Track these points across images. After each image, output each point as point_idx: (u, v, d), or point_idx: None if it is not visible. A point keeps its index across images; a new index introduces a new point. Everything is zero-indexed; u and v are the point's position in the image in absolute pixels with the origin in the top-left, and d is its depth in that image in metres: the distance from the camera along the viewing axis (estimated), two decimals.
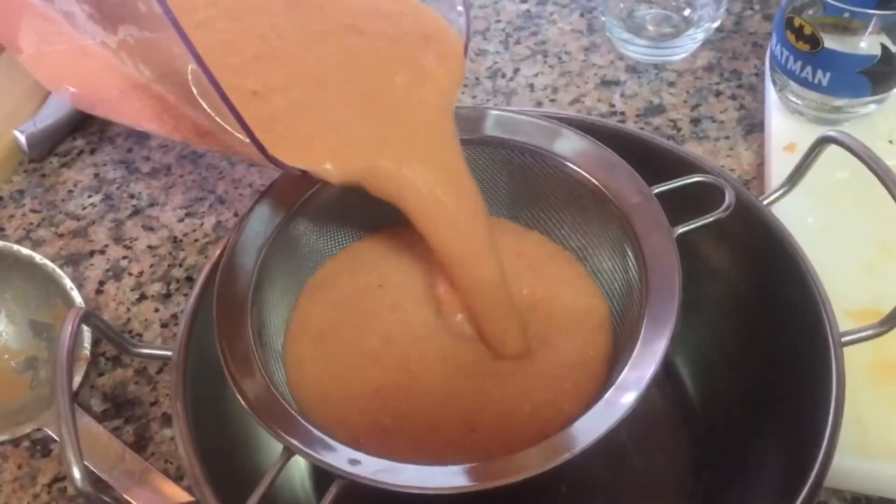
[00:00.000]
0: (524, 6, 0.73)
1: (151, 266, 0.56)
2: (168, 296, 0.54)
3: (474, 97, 0.66)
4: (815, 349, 0.37)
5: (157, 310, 0.53)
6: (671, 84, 0.65)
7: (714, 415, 0.45)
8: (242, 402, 0.32)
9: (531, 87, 0.66)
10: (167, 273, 0.55)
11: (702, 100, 0.64)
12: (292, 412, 0.33)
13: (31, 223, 0.59)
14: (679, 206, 0.38)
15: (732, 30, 0.69)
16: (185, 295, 0.54)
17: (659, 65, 0.67)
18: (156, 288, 0.55)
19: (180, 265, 0.56)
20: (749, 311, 0.44)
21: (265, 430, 0.32)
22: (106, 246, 0.58)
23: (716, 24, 0.66)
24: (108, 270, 0.56)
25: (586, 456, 0.30)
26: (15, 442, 0.47)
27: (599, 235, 0.40)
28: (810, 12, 0.52)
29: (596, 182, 0.39)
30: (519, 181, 0.42)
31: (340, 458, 0.31)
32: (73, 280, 0.52)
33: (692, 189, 0.39)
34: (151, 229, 0.58)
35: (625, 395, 0.32)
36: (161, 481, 0.43)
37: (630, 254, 0.38)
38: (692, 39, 0.67)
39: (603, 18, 0.68)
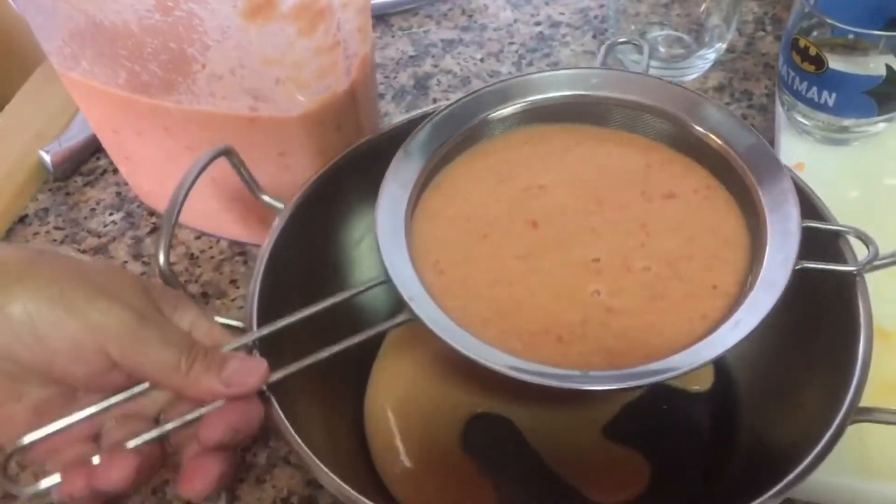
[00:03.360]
0: (538, 28, 0.74)
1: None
2: None
3: None
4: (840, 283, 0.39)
5: None
6: None
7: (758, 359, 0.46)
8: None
9: None
10: (184, 288, 0.57)
11: None
12: None
13: (55, 240, 0.61)
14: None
15: (744, 50, 0.70)
16: None
17: None
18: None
19: (196, 281, 0.57)
20: None
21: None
22: (125, 262, 0.59)
23: (725, 45, 0.67)
24: None
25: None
26: None
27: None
28: (815, 34, 0.52)
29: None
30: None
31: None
32: None
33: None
34: (171, 246, 0.60)
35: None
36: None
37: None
38: (703, 60, 0.68)
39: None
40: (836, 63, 0.52)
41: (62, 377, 0.34)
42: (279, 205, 0.45)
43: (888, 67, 0.51)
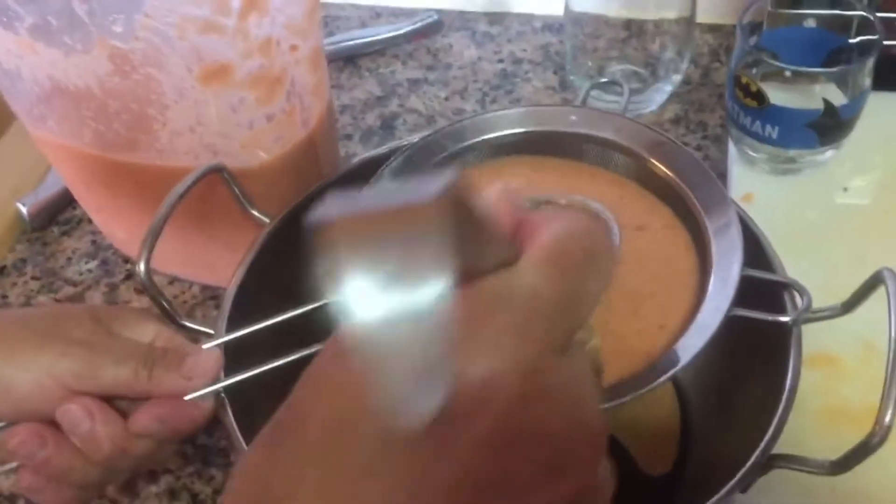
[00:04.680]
0: (500, 65, 0.76)
1: None
2: None
3: None
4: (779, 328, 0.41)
5: None
6: None
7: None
8: None
9: None
10: (163, 296, 0.58)
11: None
12: None
13: (32, 290, 0.63)
14: None
15: (700, 82, 0.72)
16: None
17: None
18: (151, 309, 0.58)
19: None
20: None
21: None
22: None
23: (681, 77, 0.69)
24: None
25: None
26: (11, 500, 0.50)
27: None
28: (757, 69, 0.54)
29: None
30: None
31: None
32: None
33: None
34: (142, 292, 0.62)
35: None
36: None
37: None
38: (660, 93, 0.70)
39: (572, 77, 0.71)
40: (776, 98, 0.54)
41: (32, 415, 0.37)
42: (266, 219, 0.48)
43: (825, 101, 0.53)
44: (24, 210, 0.65)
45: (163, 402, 0.38)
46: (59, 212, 0.68)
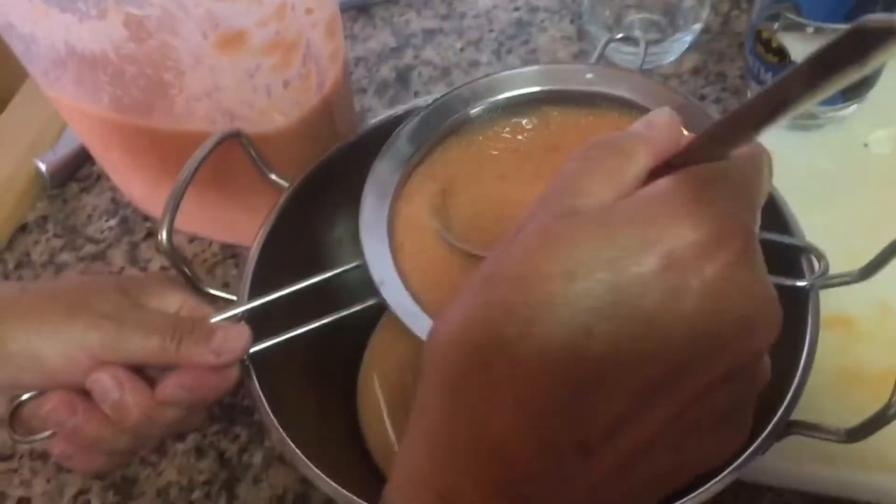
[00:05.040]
0: (516, 14, 0.75)
1: None
2: None
3: None
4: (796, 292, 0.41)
5: None
6: None
7: None
8: None
9: None
10: (187, 264, 0.59)
11: None
12: None
13: (55, 248, 0.64)
14: None
15: (719, 31, 0.71)
16: None
17: (646, 69, 0.69)
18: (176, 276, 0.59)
19: None
20: None
21: None
22: (122, 268, 0.62)
23: (700, 26, 0.68)
24: None
25: None
26: (44, 458, 0.52)
27: None
28: (774, 26, 0.53)
29: None
30: None
31: None
32: None
33: None
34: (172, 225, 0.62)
35: None
36: None
37: None
38: (679, 43, 0.69)
39: (589, 27, 0.70)
40: (798, 53, 0.53)
41: (62, 385, 0.38)
42: (285, 183, 0.48)
43: None
44: (43, 168, 0.66)
45: (189, 371, 0.39)
46: (78, 168, 0.68)
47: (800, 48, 0.53)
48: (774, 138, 0.58)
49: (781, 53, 0.53)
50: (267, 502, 0.49)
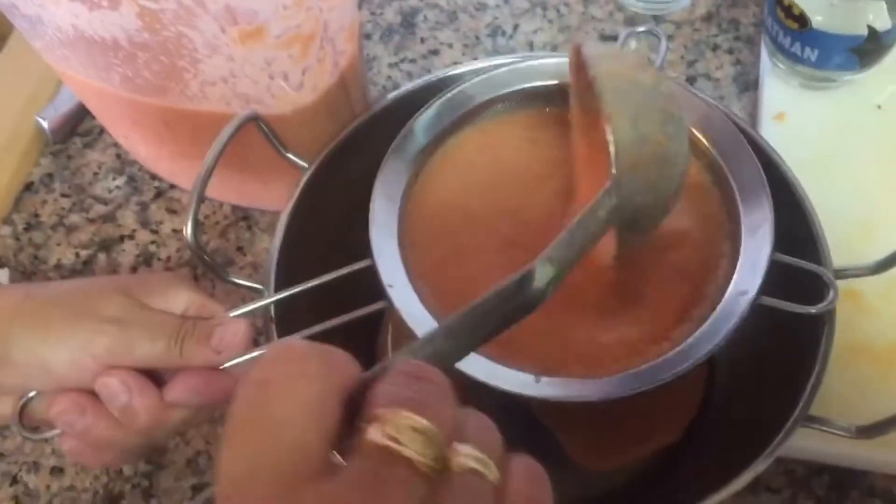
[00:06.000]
0: None
1: (178, 251, 0.60)
2: (194, 280, 0.59)
3: (475, 59, 0.67)
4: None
5: None
6: (670, 38, 0.66)
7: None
8: None
9: (531, 45, 0.67)
10: (211, 258, 0.60)
11: (699, 55, 0.65)
12: None
13: (63, 208, 0.63)
14: None
15: None
16: (211, 280, 0.58)
17: (658, 16, 0.67)
18: (183, 273, 0.59)
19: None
20: None
21: None
22: (134, 230, 0.62)
23: None
24: (138, 256, 0.60)
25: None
26: None
27: None
28: None
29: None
30: None
31: None
32: (108, 266, 0.56)
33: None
34: (174, 212, 0.62)
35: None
36: None
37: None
38: None
39: None
40: (818, 21, 0.52)
41: (71, 388, 0.39)
42: (304, 164, 0.47)
43: (869, 28, 0.51)
44: (44, 124, 0.65)
45: (197, 373, 0.39)
46: (79, 122, 0.67)
47: (822, 15, 0.52)
48: (786, 99, 0.58)
49: (802, 21, 0.52)
50: None
